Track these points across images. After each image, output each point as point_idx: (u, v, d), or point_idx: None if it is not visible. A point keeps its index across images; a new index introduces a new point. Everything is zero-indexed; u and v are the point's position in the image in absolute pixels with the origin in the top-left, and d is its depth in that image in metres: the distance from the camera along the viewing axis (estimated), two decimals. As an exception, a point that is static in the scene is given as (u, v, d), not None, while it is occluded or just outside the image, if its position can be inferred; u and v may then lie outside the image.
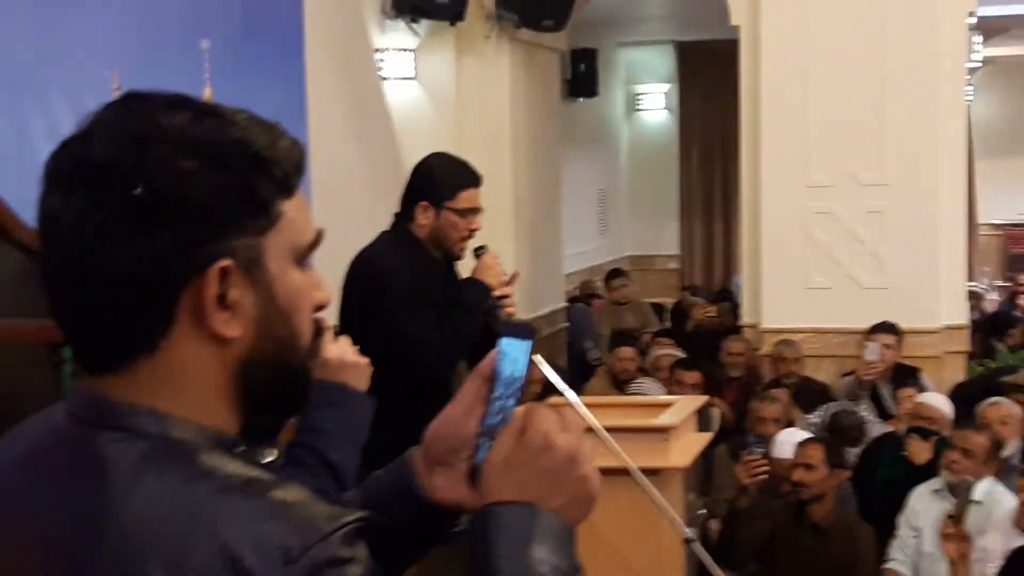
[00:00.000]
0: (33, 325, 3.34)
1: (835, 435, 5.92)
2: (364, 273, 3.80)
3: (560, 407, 1.24)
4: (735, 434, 6.38)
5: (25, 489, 1.13)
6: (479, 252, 3.91)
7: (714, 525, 5.47)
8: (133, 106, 1.12)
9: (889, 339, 6.80)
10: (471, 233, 3.90)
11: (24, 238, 3.56)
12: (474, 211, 3.89)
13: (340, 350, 2.28)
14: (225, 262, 1.09)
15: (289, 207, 1.14)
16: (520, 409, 1.21)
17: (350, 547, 1.05)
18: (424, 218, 3.85)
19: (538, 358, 1.55)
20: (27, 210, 3.73)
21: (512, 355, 1.22)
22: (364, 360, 2.34)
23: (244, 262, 1.10)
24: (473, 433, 1.24)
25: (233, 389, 1.14)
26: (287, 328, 1.15)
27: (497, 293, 3.84)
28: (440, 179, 3.88)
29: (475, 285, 3.84)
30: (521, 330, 1.23)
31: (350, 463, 2.22)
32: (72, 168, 1.09)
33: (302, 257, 1.17)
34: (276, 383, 1.16)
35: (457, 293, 3.87)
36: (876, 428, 6.33)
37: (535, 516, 1.15)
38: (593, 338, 9.54)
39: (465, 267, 4.09)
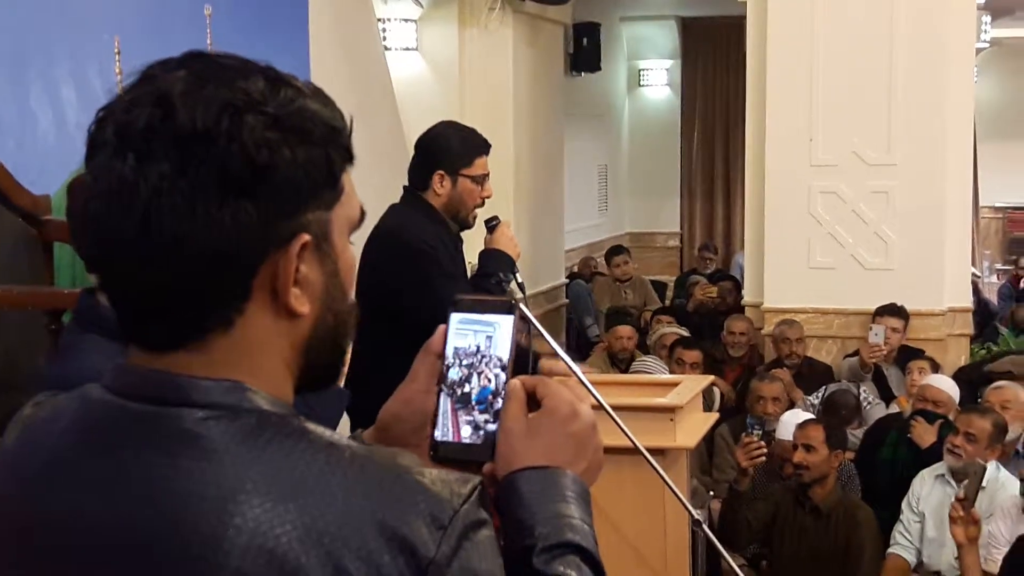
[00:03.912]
0: (32, 291, 3.29)
1: (830, 414, 5.89)
2: (399, 251, 3.78)
3: (565, 379, 1.27)
4: (736, 414, 6.35)
5: (89, 472, 1.07)
6: (492, 223, 3.91)
7: (715, 505, 5.44)
8: (203, 70, 1.07)
9: (895, 322, 6.75)
10: (483, 200, 3.92)
11: (25, 204, 3.50)
12: (487, 177, 3.93)
13: None
14: (306, 237, 1.07)
15: (346, 179, 1.13)
16: (516, 381, 1.22)
17: (482, 509, 1.06)
18: (441, 188, 3.87)
19: (548, 337, 1.52)
20: (26, 175, 3.67)
21: (499, 329, 1.24)
22: None
23: (316, 237, 1.08)
24: (432, 410, 1.25)
25: (295, 365, 1.12)
26: (345, 303, 1.15)
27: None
28: (456, 147, 3.90)
29: (498, 255, 3.85)
30: (504, 306, 1.25)
31: None
32: (149, 133, 1.03)
33: (353, 231, 1.15)
34: (331, 358, 1.16)
35: (481, 263, 3.89)
36: (878, 410, 6.30)
37: (567, 479, 1.18)
38: (593, 315, 9.50)
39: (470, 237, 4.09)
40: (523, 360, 3.31)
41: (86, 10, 4.65)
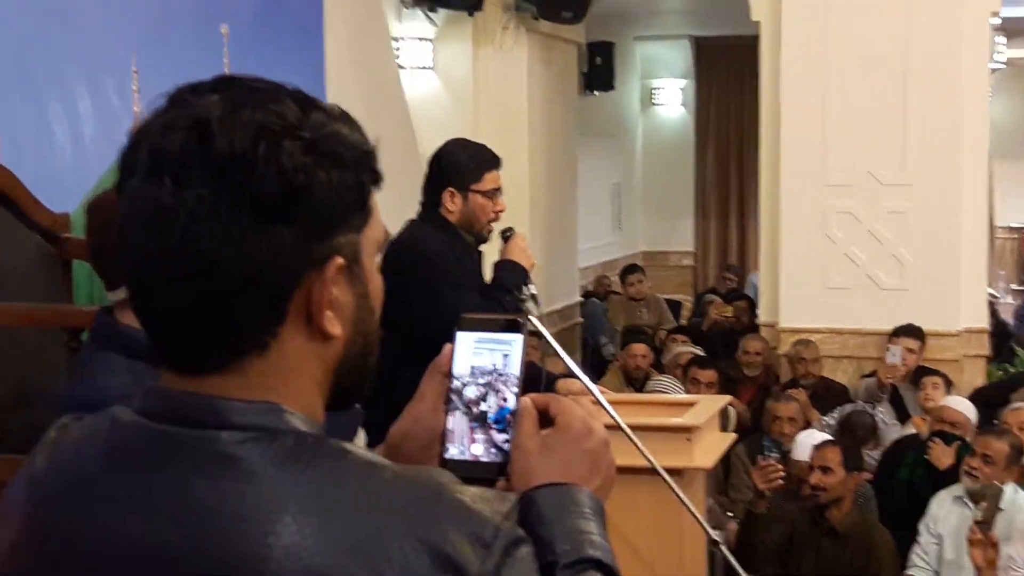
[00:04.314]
0: (51, 309, 3.28)
1: (846, 435, 5.86)
2: (409, 261, 3.78)
3: (577, 396, 1.26)
4: (751, 434, 6.32)
5: (117, 490, 1.06)
6: (507, 234, 3.92)
7: (731, 526, 5.41)
8: (237, 94, 1.07)
9: (912, 343, 6.74)
10: (498, 214, 3.95)
11: (44, 222, 3.50)
12: (499, 191, 3.95)
13: None
14: (340, 260, 1.08)
15: (373, 201, 1.13)
16: (526, 399, 1.23)
17: (519, 526, 1.08)
18: (452, 204, 3.91)
19: (565, 355, 1.52)
20: (44, 192, 3.67)
21: (513, 348, 1.25)
22: None
23: (348, 259, 1.09)
24: (441, 427, 1.25)
25: (325, 385, 1.13)
26: (373, 324, 1.15)
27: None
28: (464, 164, 3.93)
29: (512, 266, 3.86)
30: (511, 324, 1.26)
31: None
32: (186, 158, 1.03)
33: (379, 252, 1.16)
34: (359, 379, 1.16)
35: (495, 274, 3.91)
36: (894, 431, 6.27)
37: (584, 496, 1.19)
38: (608, 334, 9.48)
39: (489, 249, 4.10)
40: (535, 377, 3.30)
41: (103, 26, 4.67)
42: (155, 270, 1.05)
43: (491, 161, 3.97)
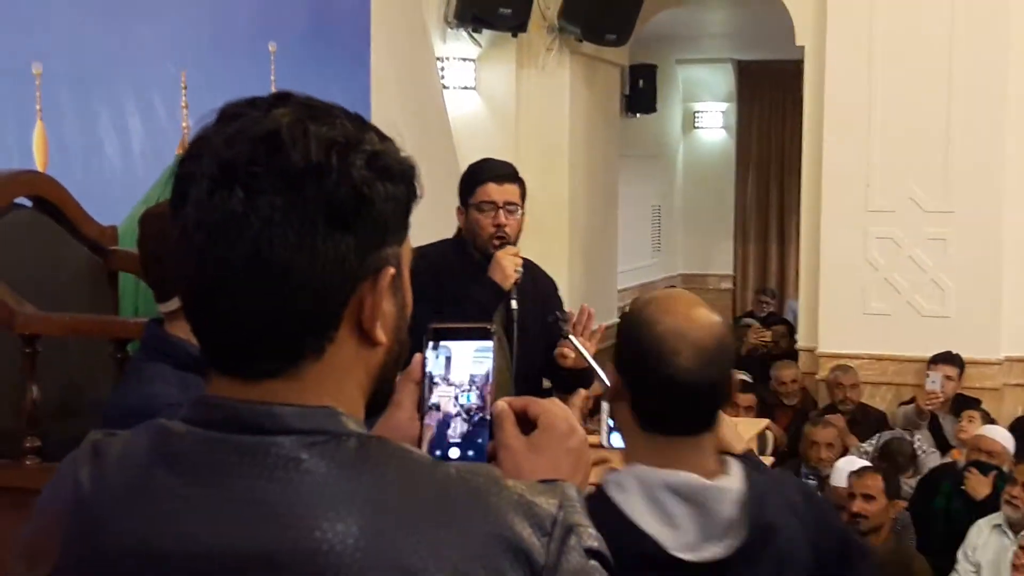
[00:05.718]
0: (98, 320, 3.33)
1: (884, 462, 5.83)
2: None
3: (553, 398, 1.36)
4: (789, 459, 6.31)
5: (195, 504, 1.06)
6: (497, 249, 3.87)
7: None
8: (301, 109, 1.10)
9: (950, 370, 6.69)
10: (499, 228, 3.84)
11: (92, 235, 3.55)
12: (493, 205, 3.84)
13: None
14: (392, 270, 1.13)
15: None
16: (501, 402, 1.27)
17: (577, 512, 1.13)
18: (460, 221, 3.94)
19: (598, 367, 1.55)
20: (93, 204, 3.73)
21: (483, 356, 1.29)
22: None
23: (395, 269, 1.14)
24: (417, 436, 1.28)
25: (367, 392, 1.16)
26: (406, 332, 1.20)
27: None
28: (465, 179, 3.96)
29: (482, 282, 3.79)
30: (483, 332, 1.30)
31: None
32: (257, 168, 1.06)
33: (410, 264, 1.21)
34: (391, 386, 1.22)
35: (471, 291, 3.81)
36: (933, 459, 6.23)
37: (573, 490, 1.22)
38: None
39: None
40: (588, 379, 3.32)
41: (153, 42, 4.73)
42: (222, 277, 1.07)
43: (485, 176, 3.89)
